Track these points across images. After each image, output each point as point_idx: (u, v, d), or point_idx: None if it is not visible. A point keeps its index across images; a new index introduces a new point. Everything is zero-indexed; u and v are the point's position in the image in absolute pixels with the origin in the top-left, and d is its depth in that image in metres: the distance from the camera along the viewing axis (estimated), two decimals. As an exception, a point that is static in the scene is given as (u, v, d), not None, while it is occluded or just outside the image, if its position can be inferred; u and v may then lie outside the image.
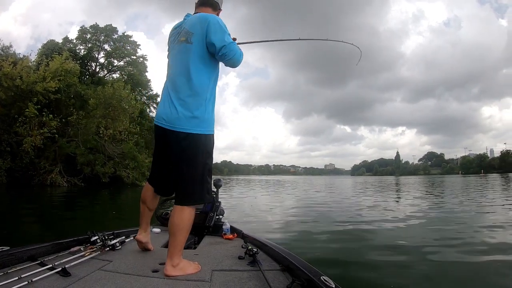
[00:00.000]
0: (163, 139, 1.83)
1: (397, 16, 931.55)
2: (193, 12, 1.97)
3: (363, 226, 5.89)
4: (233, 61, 1.80)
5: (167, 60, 1.98)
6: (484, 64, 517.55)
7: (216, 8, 1.99)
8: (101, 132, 20.38)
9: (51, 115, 18.26)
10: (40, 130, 17.77)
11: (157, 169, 2.00)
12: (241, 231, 2.73)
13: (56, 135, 18.56)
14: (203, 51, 1.77)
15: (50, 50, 23.46)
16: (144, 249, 2.11)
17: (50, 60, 19.33)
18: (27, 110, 17.07)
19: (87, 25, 28.95)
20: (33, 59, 21.35)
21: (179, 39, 1.84)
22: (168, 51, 1.98)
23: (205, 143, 1.80)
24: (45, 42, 26.38)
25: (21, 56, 20.43)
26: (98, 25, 28.81)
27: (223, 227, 2.73)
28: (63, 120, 19.18)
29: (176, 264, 1.72)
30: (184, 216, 1.76)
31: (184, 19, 1.93)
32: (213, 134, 1.85)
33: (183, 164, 1.77)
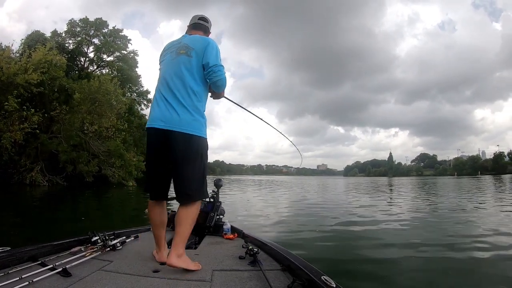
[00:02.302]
0: (162, 140, 1.92)
1: (393, 19, 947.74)
2: (187, 33, 2.22)
3: (361, 226, 6.00)
4: (219, 81, 2.00)
5: (159, 70, 2.15)
6: (478, 67, 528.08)
7: (207, 32, 2.27)
8: (85, 128, 19.39)
9: (32, 110, 17.32)
10: (21, 126, 16.79)
11: (155, 172, 2.04)
12: (242, 231, 2.76)
13: (37, 131, 17.68)
14: (200, 65, 1.98)
15: (34, 41, 22.45)
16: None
17: (33, 51, 18.38)
18: (6, 103, 16.28)
19: (83, 23, 27.89)
20: (15, 50, 20.40)
21: (179, 52, 2.03)
22: (161, 63, 2.15)
23: (203, 144, 1.98)
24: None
25: (3, 46, 19.41)
26: (88, 19, 27.90)
27: (224, 227, 2.77)
28: (46, 115, 18.26)
29: (181, 254, 1.80)
30: (190, 209, 1.90)
31: (182, 38, 2.14)
32: (207, 139, 2.03)
33: (186, 164, 1.89)
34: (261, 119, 2.85)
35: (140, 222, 4.62)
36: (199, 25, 2.23)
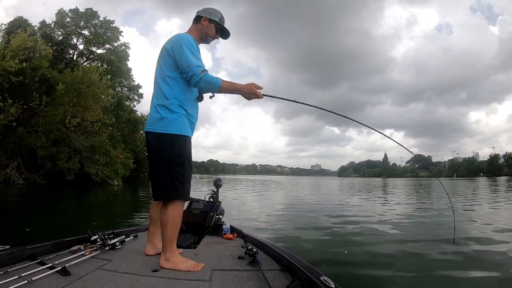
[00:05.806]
0: (146, 142, 2.08)
1: (391, 21, 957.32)
2: None
3: (357, 225, 6.09)
4: (196, 83, 1.93)
5: None
6: (474, 70, 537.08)
7: (198, 20, 2.18)
8: (67, 121, 18.21)
9: (10, 100, 16.09)
10: (-3, 117, 15.57)
11: (150, 173, 2.11)
12: (241, 231, 2.78)
13: (14, 123, 16.65)
14: (167, 63, 1.99)
15: (16, 27, 21.15)
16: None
17: (12, 37, 17.14)
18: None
19: (74, 14, 26.68)
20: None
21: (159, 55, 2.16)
22: None
23: (171, 141, 1.93)
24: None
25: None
26: (78, 9, 26.83)
27: (223, 226, 2.78)
28: (25, 106, 17.00)
29: (168, 257, 1.88)
30: (167, 211, 1.90)
31: None
32: (184, 135, 1.96)
33: (155, 162, 1.98)
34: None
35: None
36: (194, 19, 2.22)
